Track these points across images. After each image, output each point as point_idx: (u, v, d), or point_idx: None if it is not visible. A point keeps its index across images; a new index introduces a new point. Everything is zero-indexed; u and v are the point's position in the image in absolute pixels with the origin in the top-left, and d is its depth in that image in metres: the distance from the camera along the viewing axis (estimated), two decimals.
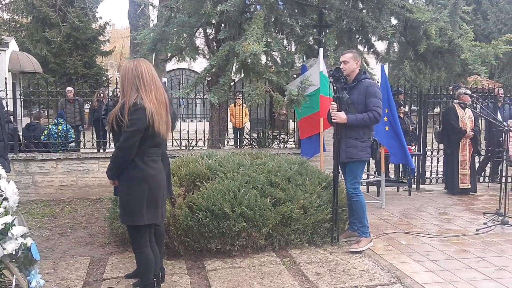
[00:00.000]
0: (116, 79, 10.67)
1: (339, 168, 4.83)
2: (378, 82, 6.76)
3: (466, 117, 7.55)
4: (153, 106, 3.04)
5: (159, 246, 3.58)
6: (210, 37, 8.01)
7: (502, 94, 8.86)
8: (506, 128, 6.01)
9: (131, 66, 3.14)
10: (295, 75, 7.29)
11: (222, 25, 7.48)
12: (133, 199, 3.09)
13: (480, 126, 8.15)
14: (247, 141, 8.57)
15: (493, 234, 5.44)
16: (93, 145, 8.54)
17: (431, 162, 8.50)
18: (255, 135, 8.56)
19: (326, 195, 4.81)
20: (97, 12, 24.82)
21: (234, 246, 4.26)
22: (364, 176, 8.07)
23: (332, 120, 4.71)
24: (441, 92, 8.37)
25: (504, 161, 6.33)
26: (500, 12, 19.71)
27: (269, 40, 6.39)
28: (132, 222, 3.14)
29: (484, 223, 5.75)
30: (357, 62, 4.77)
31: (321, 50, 6.49)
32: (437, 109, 9.72)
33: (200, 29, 7.82)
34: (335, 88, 4.72)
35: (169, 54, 8.03)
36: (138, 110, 3.00)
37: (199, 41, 8.40)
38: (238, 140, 10.35)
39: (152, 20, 10.50)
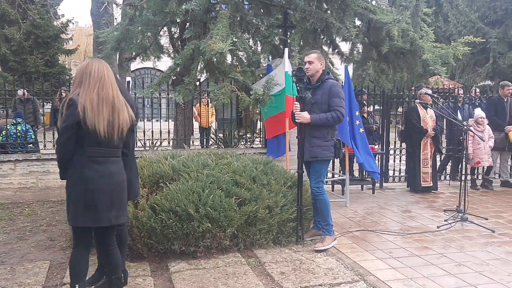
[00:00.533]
0: None
1: (303, 167, 4.86)
2: (342, 82, 6.86)
3: (427, 117, 7.73)
4: (89, 103, 2.92)
5: (122, 248, 3.50)
6: (175, 36, 7.93)
7: (462, 94, 9.12)
8: (465, 127, 6.18)
9: (83, 65, 3.08)
10: (261, 75, 7.29)
11: (187, 24, 7.42)
12: (70, 200, 3.02)
13: (442, 125, 8.36)
14: (213, 141, 8.52)
15: (453, 231, 5.58)
16: (54, 145, 8.28)
17: (394, 161, 8.66)
18: (221, 135, 8.52)
19: (291, 194, 4.83)
20: (59, 9, 24.19)
21: (199, 247, 4.22)
22: (329, 175, 8.17)
23: (296, 120, 4.73)
24: (403, 92, 8.54)
25: (464, 160, 6.51)
26: (460, 15, 20.28)
27: (234, 39, 6.38)
28: (70, 221, 3.09)
29: (445, 220, 5.90)
30: (322, 63, 4.81)
31: (286, 50, 6.52)
32: (400, 109, 9.91)
33: (165, 28, 7.73)
34: (298, 88, 4.75)
35: (133, 53, 7.90)
36: (71, 105, 2.91)
37: (164, 40, 8.30)
38: (205, 140, 10.29)
39: (115, 18, 10.32)
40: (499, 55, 19.03)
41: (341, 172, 7.59)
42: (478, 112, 7.98)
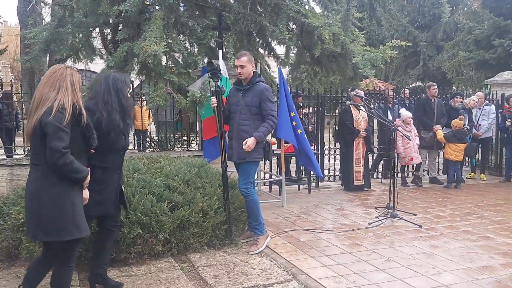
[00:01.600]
0: (11, 80, 9.94)
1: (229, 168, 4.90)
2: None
3: (360, 118, 7.99)
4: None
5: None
6: (108, 38, 7.72)
7: (392, 95, 9.50)
8: (393, 127, 6.45)
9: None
10: (196, 77, 7.24)
11: (120, 25, 7.26)
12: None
13: (373, 126, 8.67)
14: (148, 144, 8.37)
15: (383, 227, 5.80)
16: None
17: (329, 161, 8.89)
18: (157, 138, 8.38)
19: None
20: None
21: (130, 254, 4.12)
22: (267, 176, 8.27)
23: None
24: (336, 94, 8.79)
25: (393, 158, 6.78)
26: (392, 19, 21.15)
27: (169, 41, 6.31)
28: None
29: (376, 217, 6.12)
30: (252, 65, 4.84)
31: (220, 51, 6.53)
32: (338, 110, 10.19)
33: (97, 29, 7.51)
34: (213, 82, 4.79)
35: (64, 55, 7.62)
36: None
37: (97, 42, 8.06)
38: (141, 143, 10.06)
39: (44, 18, 9.89)
40: (429, 58, 20.02)
41: (278, 172, 7.69)
42: (405, 113, 8.33)
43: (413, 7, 21.00)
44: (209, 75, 4.75)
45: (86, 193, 3.17)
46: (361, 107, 7.68)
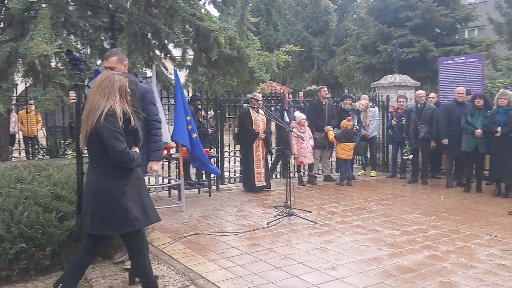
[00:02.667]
0: None
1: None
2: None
3: (259, 120, 8.15)
4: None
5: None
6: None
7: (289, 98, 9.84)
8: (288, 128, 6.67)
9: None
10: (88, 79, 6.91)
11: (1, 23, 6.73)
12: None
13: (271, 128, 8.90)
14: (37, 151, 7.85)
15: (281, 226, 5.97)
16: None
17: (229, 163, 8.97)
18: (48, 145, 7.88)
19: None
20: None
21: (13, 271, 3.81)
22: (165, 180, 8.13)
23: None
24: (235, 96, 8.90)
25: (289, 159, 7.02)
26: (287, 24, 21.90)
27: (59, 41, 5.96)
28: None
29: (274, 216, 6.28)
30: (125, 64, 4.28)
31: None
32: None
33: None
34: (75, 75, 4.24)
35: None
36: None
37: None
38: (31, 150, 9.40)
39: None
40: (322, 62, 21.01)
41: (177, 177, 7.60)
42: (299, 115, 8.68)
43: (307, 13, 21.89)
44: (70, 67, 4.23)
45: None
46: (260, 110, 7.85)
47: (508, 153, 7.42)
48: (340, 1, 22.24)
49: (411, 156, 9.22)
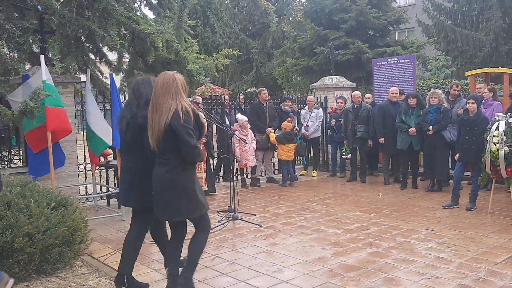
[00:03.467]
0: None
1: None
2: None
3: None
4: None
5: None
6: None
7: (227, 100, 9.79)
8: (230, 131, 6.62)
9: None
10: (16, 85, 6.53)
11: None
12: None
13: (212, 131, 8.82)
14: None
15: (226, 231, 5.90)
16: None
17: None
18: None
19: (56, 216, 4.39)
20: None
21: None
22: (104, 189, 7.83)
23: None
24: None
25: (232, 162, 6.97)
26: (225, 26, 21.87)
27: None
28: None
29: (219, 221, 6.21)
30: None
31: (42, 57, 5.94)
32: None
33: None
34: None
35: None
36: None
37: None
38: None
39: None
40: (261, 64, 21.16)
41: (116, 185, 7.34)
42: (241, 117, 8.66)
43: (244, 16, 21.96)
44: None
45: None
46: (200, 113, 7.73)
47: (438, 150, 7.78)
48: (276, 4, 22.49)
49: (350, 155, 9.47)
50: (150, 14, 10.13)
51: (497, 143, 6.10)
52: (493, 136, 6.20)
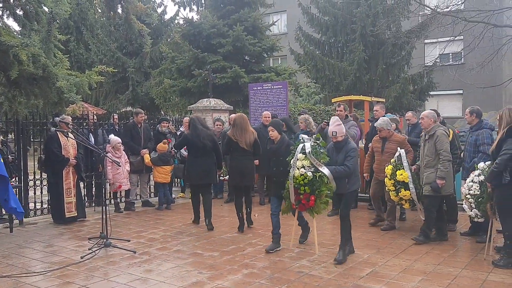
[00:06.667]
0: None
1: None
2: None
3: (69, 145, 7.54)
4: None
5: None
6: None
7: (92, 119, 9.35)
8: (102, 153, 6.31)
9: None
10: None
11: None
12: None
13: (83, 153, 8.31)
14: None
15: (98, 259, 5.57)
16: None
17: (35, 193, 8.06)
18: None
19: None
20: None
21: None
22: None
23: None
24: (40, 119, 8.05)
25: (104, 185, 6.61)
26: (100, 44, 21.00)
27: None
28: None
29: (89, 249, 5.84)
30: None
31: None
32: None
33: None
34: None
35: None
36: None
37: None
38: None
39: None
40: (137, 84, 20.63)
41: None
42: (114, 138, 8.29)
43: (121, 34, 21.34)
44: None
45: None
46: (69, 134, 7.27)
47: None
48: (154, 24, 22.18)
49: (227, 177, 9.57)
50: (15, 26, 9.38)
51: (302, 167, 5.45)
52: (297, 160, 5.48)
